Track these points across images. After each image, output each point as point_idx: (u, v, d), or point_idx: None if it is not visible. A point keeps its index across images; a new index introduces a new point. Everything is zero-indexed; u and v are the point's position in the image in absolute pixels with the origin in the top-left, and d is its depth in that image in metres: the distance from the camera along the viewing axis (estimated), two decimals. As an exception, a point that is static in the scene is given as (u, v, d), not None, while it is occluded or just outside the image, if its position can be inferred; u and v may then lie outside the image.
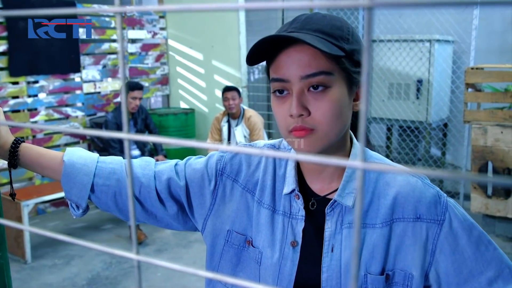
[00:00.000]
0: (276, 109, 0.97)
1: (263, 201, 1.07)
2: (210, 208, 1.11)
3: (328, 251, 1.00)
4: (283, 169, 1.08)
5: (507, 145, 3.65)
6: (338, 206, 1.01)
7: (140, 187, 1.11)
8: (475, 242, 0.99)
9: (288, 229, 1.04)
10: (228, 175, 1.11)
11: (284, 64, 0.94)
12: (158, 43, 6.37)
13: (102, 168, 1.10)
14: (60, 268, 3.99)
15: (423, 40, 5.06)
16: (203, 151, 5.78)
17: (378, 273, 0.98)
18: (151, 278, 3.81)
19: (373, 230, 0.99)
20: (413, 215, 0.99)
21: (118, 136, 0.43)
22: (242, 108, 4.90)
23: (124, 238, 4.56)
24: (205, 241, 1.14)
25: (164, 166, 1.14)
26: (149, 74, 6.29)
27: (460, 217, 0.99)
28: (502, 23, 5.18)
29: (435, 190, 1.02)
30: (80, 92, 5.51)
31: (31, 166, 1.08)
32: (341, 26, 0.96)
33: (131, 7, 0.41)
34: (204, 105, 6.34)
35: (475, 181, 0.35)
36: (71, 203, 1.11)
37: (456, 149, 5.44)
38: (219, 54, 6.09)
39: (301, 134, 0.93)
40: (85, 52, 5.53)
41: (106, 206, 1.11)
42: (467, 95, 3.89)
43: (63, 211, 5.35)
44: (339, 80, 0.94)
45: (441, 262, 0.98)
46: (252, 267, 1.07)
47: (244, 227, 1.08)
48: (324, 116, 0.92)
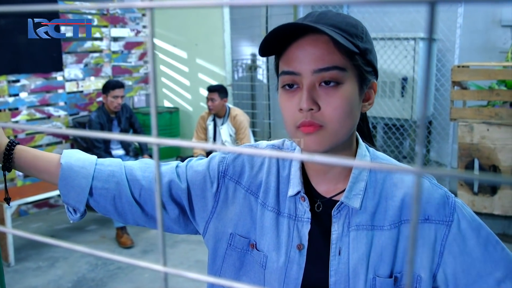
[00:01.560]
0: (284, 103, 0.94)
1: (267, 204, 1.04)
2: (212, 211, 1.08)
3: (335, 254, 0.98)
4: (287, 170, 1.05)
5: (493, 143, 3.67)
6: (345, 208, 0.99)
7: (141, 190, 1.07)
8: (484, 243, 0.97)
9: (293, 232, 1.01)
10: (231, 177, 1.08)
11: (296, 57, 0.91)
12: (141, 41, 6.29)
13: (101, 170, 1.06)
14: (44, 270, 3.91)
15: (408, 38, 5.08)
16: (188, 151, 5.74)
17: (387, 275, 0.96)
18: (139, 279, 3.76)
19: (382, 232, 0.97)
20: (422, 216, 0.97)
21: (147, 141, 0.40)
22: (228, 107, 4.86)
23: (109, 239, 4.50)
24: (206, 244, 1.11)
25: (165, 168, 1.10)
26: (133, 73, 6.22)
27: (469, 218, 0.98)
28: (484, 21, 5.22)
29: (443, 190, 1.00)
30: (63, 91, 5.42)
31: (27, 169, 1.04)
32: (356, 24, 0.94)
33: (162, 2, 0.38)
34: (188, 104, 6.29)
35: (467, 179, 0.33)
36: (67, 207, 1.07)
37: (440, 147, 5.48)
38: (203, 52, 6.04)
39: (310, 130, 0.90)
40: (67, 51, 5.44)
41: (104, 210, 1.08)
42: (453, 93, 3.90)
43: (46, 212, 5.26)
44: (351, 78, 0.92)
45: (449, 263, 0.96)
46: (257, 271, 1.04)
47: (247, 230, 1.05)
48: (335, 113, 0.90)
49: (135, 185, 1.07)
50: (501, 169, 3.66)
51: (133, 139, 0.41)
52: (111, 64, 5.90)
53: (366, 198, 0.99)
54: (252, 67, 6.87)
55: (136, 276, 3.80)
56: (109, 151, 4.70)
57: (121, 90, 4.60)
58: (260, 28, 6.57)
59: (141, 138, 0.40)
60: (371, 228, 0.98)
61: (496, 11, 5.14)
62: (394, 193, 0.99)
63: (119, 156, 4.73)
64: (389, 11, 5.47)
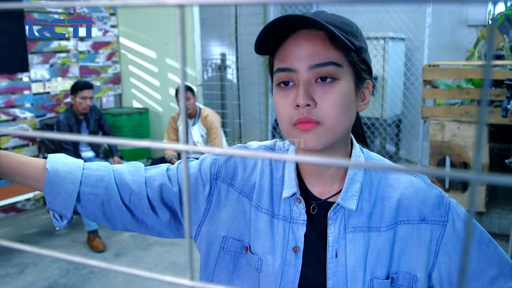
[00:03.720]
0: (279, 101, 0.93)
1: (261, 206, 1.02)
2: (204, 214, 1.05)
3: (332, 256, 0.97)
4: (281, 171, 1.03)
5: (464, 140, 3.74)
6: (341, 210, 0.98)
7: (130, 194, 1.03)
8: (477, 242, 0.98)
9: (289, 234, 0.99)
10: (223, 179, 1.05)
11: (292, 53, 0.90)
12: (109, 41, 6.18)
13: (89, 175, 1.02)
14: (14, 277, 3.80)
15: (378, 37, 5.13)
16: (159, 152, 5.67)
17: (384, 277, 0.96)
18: (112, 283, 3.68)
19: (378, 233, 0.97)
20: (418, 217, 0.97)
21: (177, 148, 0.37)
22: (198, 107, 4.82)
23: (81, 243, 4.40)
24: (198, 248, 1.09)
25: (155, 171, 1.07)
26: (101, 73, 6.10)
27: (463, 217, 0.99)
28: (451, 21, 5.32)
29: (437, 190, 1.00)
30: (29, 92, 5.28)
31: (10, 176, 0.99)
32: (351, 23, 0.94)
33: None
34: (158, 104, 6.21)
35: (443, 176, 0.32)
36: (53, 214, 1.03)
37: (410, 145, 5.55)
38: (173, 52, 5.97)
39: (307, 127, 0.89)
40: (33, 51, 5.29)
41: (93, 216, 1.04)
42: (424, 92, 3.96)
43: (13, 217, 5.11)
44: (348, 74, 0.91)
45: (444, 262, 0.97)
46: (251, 274, 1.02)
47: (240, 233, 1.03)
48: (332, 108, 0.89)
49: (124, 190, 1.03)
50: (471, 166, 3.73)
51: (163, 146, 0.39)
52: (79, 65, 5.77)
53: (362, 199, 0.98)
54: (222, 66, 6.84)
55: (109, 280, 3.72)
56: (79, 153, 4.60)
57: (89, 91, 4.50)
58: (230, 27, 6.53)
59: (171, 146, 0.38)
60: (368, 229, 0.97)
61: (462, 11, 5.24)
62: (390, 194, 0.98)
63: (89, 158, 4.63)
64: (358, 11, 5.51)
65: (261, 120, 6.38)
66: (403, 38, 5.36)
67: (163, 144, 0.39)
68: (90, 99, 4.52)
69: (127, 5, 0.38)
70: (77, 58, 5.74)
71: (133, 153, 5.60)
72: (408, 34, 5.26)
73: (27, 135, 0.90)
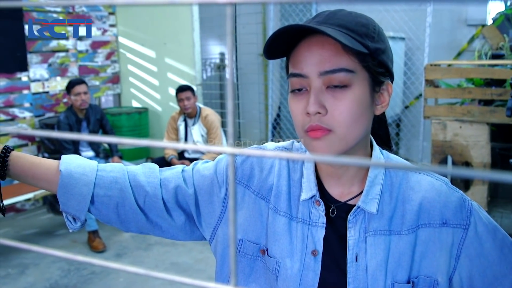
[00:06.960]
0: (293, 106, 0.91)
1: (278, 208, 1.00)
2: (220, 216, 1.04)
3: (352, 260, 0.95)
4: (299, 173, 1.02)
5: (466, 140, 3.73)
6: (361, 213, 0.96)
7: (145, 196, 1.02)
8: (500, 245, 0.97)
9: (308, 238, 0.98)
10: (240, 181, 1.04)
11: (304, 58, 0.88)
12: (108, 41, 6.15)
13: (103, 177, 1.00)
14: (14, 278, 3.77)
15: (378, 37, 5.12)
16: (158, 151, 5.64)
17: (405, 281, 0.94)
18: (113, 284, 3.66)
19: (399, 237, 0.95)
20: (440, 221, 0.95)
21: (222, 151, 0.36)
22: (198, 107, 4.80)
23: (81, 244, 4.38)
24: (213, 251, 1.07)
25: (170, 173, 1.05)
26: (100, 73, 6.07)
27: (485, 220, 0.97)
28: (450, 20, 5.31)
29: (459, 193, 0.99)
30: (28, 92, 5.25)
31: (23, 177, 0.97)
32: (367, 23, 0.91)
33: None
34: (157, 104, 6.19)
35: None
36: (67, 216, 1.01)
37: (410, 144, 5.55)
38: (172, 51, 5.95)
39: (317, 135, 0.87)
40: (32, 50, 5.26)
41: (106, 218, 1.02)
42: (426, 91, 3.95)
43: (12, 217, 5.08)
44: (361, 80, 0.89)
45: (465, 266, 0.95)
46: (268, 277, 1.00)
47: (257, 236, 1.02)
48: (343, 116, 0.87)
49: (139, 192, 1.02)
50: (473, 165, 3.72)
51: (207, 148, 0.38)
52: (78, 64, 5.75)
53: (382, 202, 0.96)
54: (221, 66, 6.82)
55: (110, 281, 3.70)
56: (79, 153, 4.57)
57: (81, 87, 4.47)
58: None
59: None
60: (389, 233, 0.95)
61: (462, 10, 5.24)
62: (411, 196, 0.97)
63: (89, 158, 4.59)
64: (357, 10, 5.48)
65: (261, 120, 6.36)
66: (403, 37, 5.34)
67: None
68: (85, 94, 4.49)
69: (173, 3, 0.36)
70: (76, 58, 5.72)
71: (132, 153, 5.58)
72: (409, 34, 5.25)
73: (27, 134, 0.89)
